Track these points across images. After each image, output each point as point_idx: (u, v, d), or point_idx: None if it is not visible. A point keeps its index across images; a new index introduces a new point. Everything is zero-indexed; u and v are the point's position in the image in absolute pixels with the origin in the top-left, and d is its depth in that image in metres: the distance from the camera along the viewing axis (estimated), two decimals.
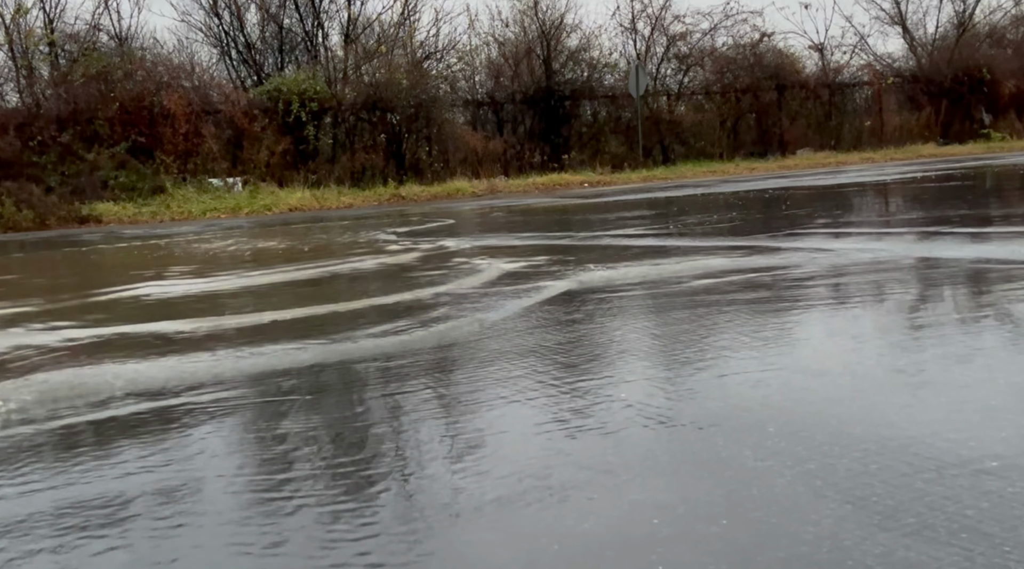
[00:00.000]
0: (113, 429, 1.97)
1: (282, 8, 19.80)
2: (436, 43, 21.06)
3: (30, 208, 13.14)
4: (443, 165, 18.07)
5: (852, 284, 3.33)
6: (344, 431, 1.84)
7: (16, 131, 14.95)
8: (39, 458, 1.79)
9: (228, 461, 1.70)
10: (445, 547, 1.28)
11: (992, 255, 3.86)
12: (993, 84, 22.78)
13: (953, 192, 8.45)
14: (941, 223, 5.39)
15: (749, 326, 2.63)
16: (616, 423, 1.78)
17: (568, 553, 1.23)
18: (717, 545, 1.21)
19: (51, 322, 3.53)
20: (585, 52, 21.25)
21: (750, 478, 1.44)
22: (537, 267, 4.44)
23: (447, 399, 2.04)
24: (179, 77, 16.64)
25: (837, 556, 1.15)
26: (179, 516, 1.44)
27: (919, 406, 1.76)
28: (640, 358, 2.35)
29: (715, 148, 21.16)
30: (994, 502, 1.28)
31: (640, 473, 1.50)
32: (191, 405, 2.11)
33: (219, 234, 9.32)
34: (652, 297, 3.32)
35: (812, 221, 6.20)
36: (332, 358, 2.54)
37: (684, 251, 4.73)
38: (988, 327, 2.46)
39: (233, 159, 16.38)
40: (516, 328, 2.84)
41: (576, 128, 20.97)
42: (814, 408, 1.79)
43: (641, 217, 7.88)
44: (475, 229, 8.12)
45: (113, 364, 2.59)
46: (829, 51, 23.68)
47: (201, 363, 2.53)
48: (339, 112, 17.76)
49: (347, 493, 1.49)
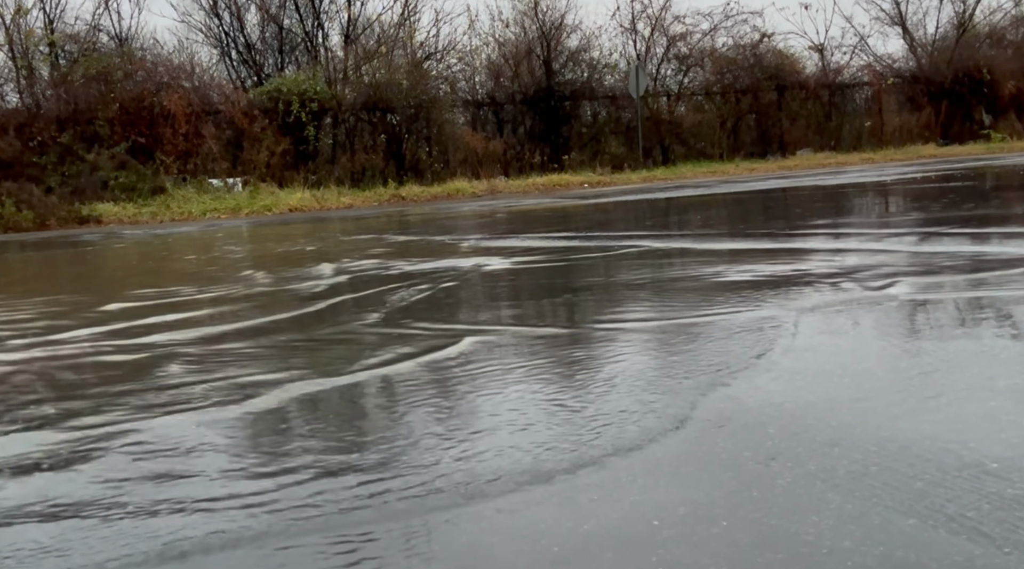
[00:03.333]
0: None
1: (282, 9, 19.80)
2: (436, 43, 21.05)
3: (30, 208, 13.14)
4: (443, 165, 18.07)
5: (853, 284, 3.32)
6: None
7: (16, 131, 14.94)
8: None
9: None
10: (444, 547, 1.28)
11: (992, 255, 3.85)
12: (993, 85, 22.77)
13: (954, 192, 8.45)
14: (941, 223, 5.39)
15: (749, 325, 2.63)
16: (616, 422, 1.77)
17: (569, 554, 1.22)
18: (717, 546, 1.21)
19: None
20: (585, 53, 21.24)
21: (750, 479, 1.44)
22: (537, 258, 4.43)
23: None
24: (179, 77, 16.63)
25: (837, 557, 1.15)
26: None
27: (919, 408, 1.76)
28: (640, 359, 2.35)
29: (715, 149, 21.14)
30: (995, 503, 1.28)
31: (640, 474, 1.50)
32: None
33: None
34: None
35: (814, 221, 6.20)
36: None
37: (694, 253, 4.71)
38: (988, 328, 2.46)
39: (233, 159, 16.37)
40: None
41: (576, 129, 20.95)
42: (814, 410, 1.79)
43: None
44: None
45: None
46: (829, 52, 23.66)
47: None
48: (339, 112, 17.75)
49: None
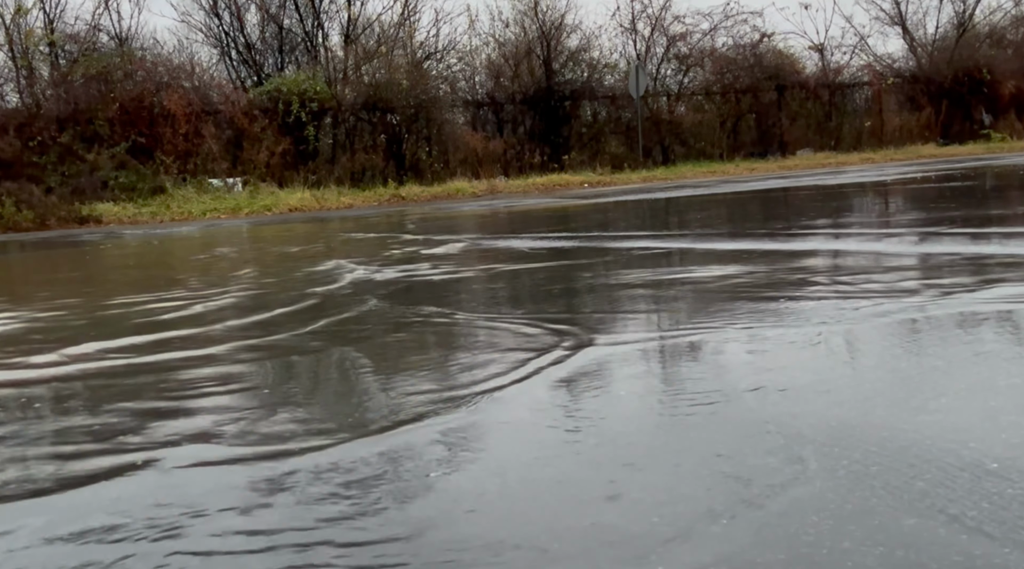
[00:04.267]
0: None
1: (282, 8, 19.81)
2: (436, 43, 21.07)
3: (30, 208, 13.14)
4: (443, 165, 18.07)
5: (853, 284, 3.32)
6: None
7: (16, 131, 14.95)
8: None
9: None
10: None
11: (992, 255, 3.85)
12: (993, 84, 22.78)
13: (954, 192, 8.45)
14: (941, 223, 5.39)
15: (750, 326, 2.62)
16: (616, 422, 1.77)
17: (567, 552, 1.22)
18: (717, 545, 1.21)
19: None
20: (585, 52, 21.26)
21: (750, 478, 1.43)
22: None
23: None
24: (179, 77, 16.63)
25: (837, 557, 1.15)
26: None
27: (920, 407, 1.75)
28: (640, 358, 2.34)
29: (715, 148, 21.15)
30: (995, 503, 1.28)
31: (640, 472, 1.50)
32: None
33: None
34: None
35: (815, 221, 6.20)
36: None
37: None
38: (988, 328, 2.46)
39: (233, 159, 16.38)
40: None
41: (576, 128, 20.95)
42: (814, 408, 1.78)
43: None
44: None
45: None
46: (829, 51, 23.69)
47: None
48: (339, 112, 17.75)
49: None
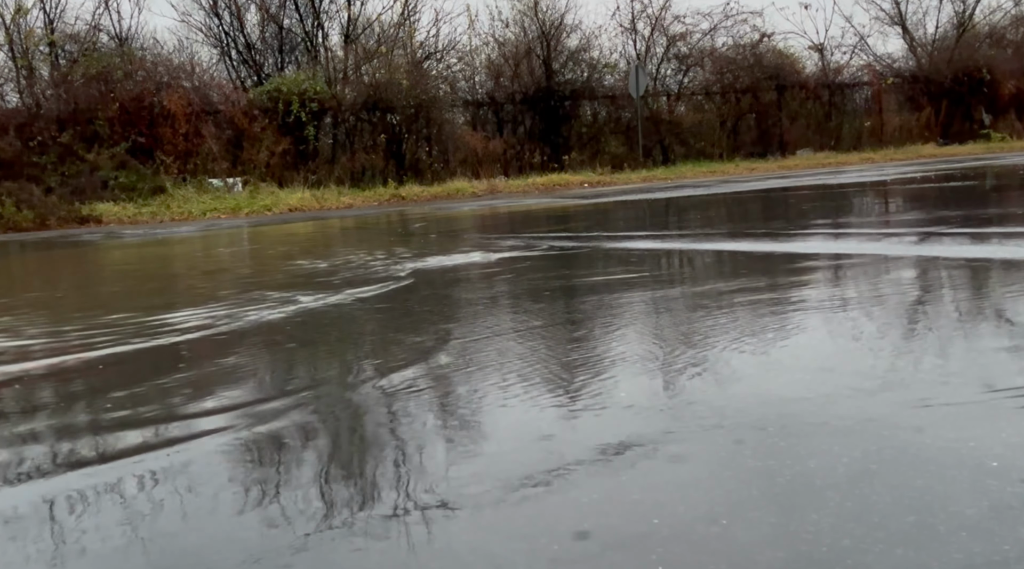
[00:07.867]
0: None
1: (282, 8, 19.80)
2: (436, 43, 21.06)
3: (30, 208, 13.13)
4: (443, 165, 18.07)
5: (854, 284, 3.32)
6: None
7: (16, 131, 14.94)
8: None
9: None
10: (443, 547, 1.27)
11: (992, 255, 3.85)
12: (993, 84, 22.77)
13: (954, 192, 8.45)
14: (941, 223, 5.39)
15: (749, 326, 2.63)
16: (615, 422, 1.77)
17: (568, 553, 1.22)
18: (717, 545, 1.21)
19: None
20: (585, 52, 21.24)
21: (750, 478, 1.44)
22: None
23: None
24: (179, 77, 16.62)
25: (837, 556, 1.15)
26: None
27: (918, 406, 1.75)
28: (639, 358, 2.34)
29: (715, 148, 21.13)
30: (994, 501, 1.28)
31: (640, 472, 1.50)
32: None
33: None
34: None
35: (814, 221, 6.20)
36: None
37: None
38: (989, 327, 2.46)
39: (233, 159, 16.37)
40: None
41: (576, 128, 20.94)
42: (814, 407, 1.78)
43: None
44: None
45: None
46: (829, 51, 23.67)
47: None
48: (339, 112, 17.74)
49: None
